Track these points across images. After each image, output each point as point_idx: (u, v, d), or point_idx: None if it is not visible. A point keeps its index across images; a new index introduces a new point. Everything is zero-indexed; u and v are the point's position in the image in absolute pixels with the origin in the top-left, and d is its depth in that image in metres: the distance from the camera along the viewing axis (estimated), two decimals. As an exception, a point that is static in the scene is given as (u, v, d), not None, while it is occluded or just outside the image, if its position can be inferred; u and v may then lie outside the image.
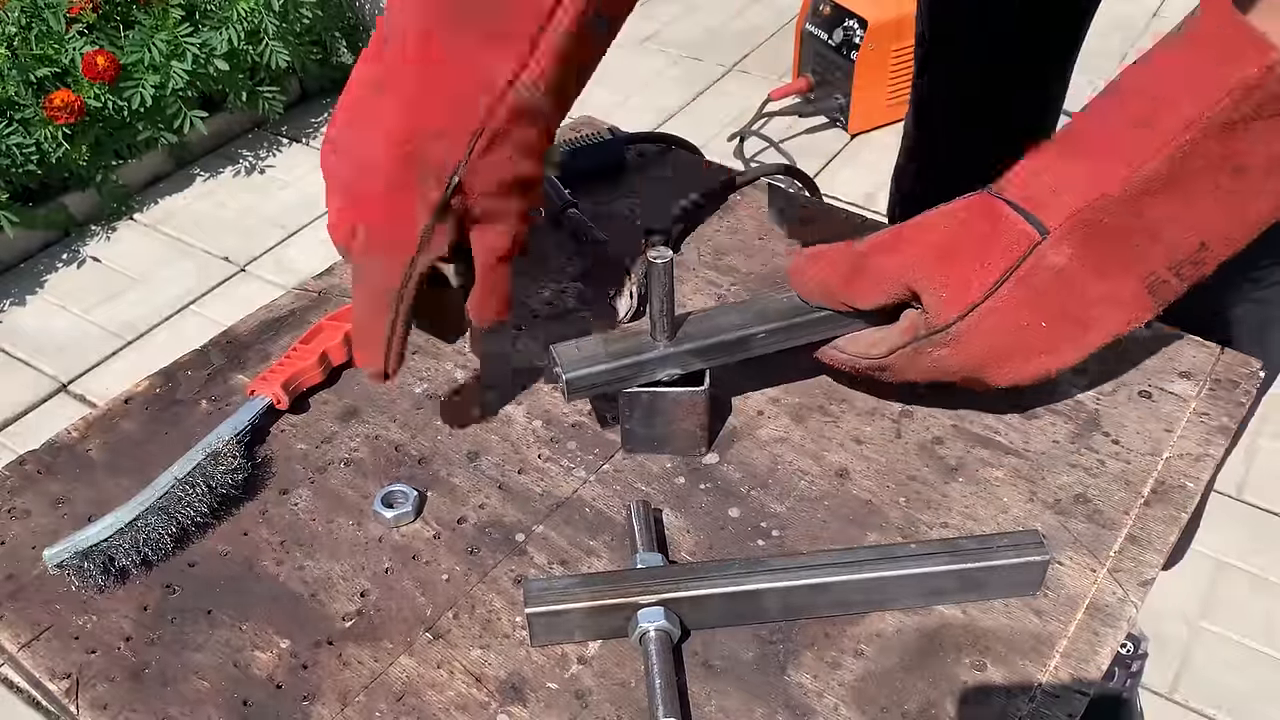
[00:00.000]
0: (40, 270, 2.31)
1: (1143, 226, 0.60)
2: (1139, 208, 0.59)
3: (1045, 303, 0.62)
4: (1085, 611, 0.60)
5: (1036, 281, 0.61)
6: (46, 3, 2.23)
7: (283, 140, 2.66)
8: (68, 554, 0.63)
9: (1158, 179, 0.58)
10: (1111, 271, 0.61)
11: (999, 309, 0.62)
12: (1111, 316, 0.63)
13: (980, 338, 0.63)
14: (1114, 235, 0.60)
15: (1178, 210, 0.59)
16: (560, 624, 0.59)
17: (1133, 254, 0.61)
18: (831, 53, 2.47)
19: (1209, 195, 0.58)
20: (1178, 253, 0.60)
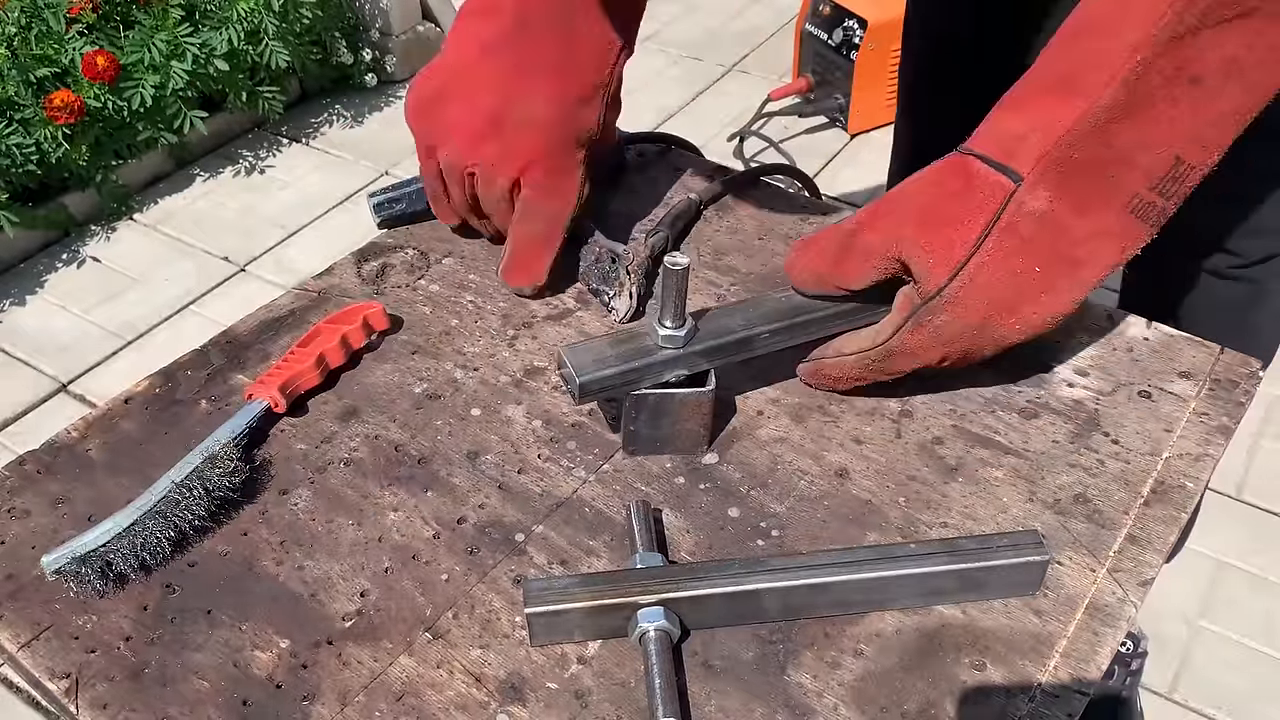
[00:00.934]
0: (40, 270, 2.31)
1: (1114, 155, 0.59)
2: (1106, 137, 0.59)
3: (1034, 248, 0.61)
4: (1085, 611, 0.60)
5: (1021, 229, 0.61)
6: (46, 3, 2.23)
7: (283, 140, 2.66)
8: (65, 560, 0.63)
9: (1117, 105, 0.58)
10: (1093, 205, 0.61)
11: (988, 262, 0.62)
12: (1104, 249, 0.62)
13: (976, 293, 0.62)
14: (1087, 169, 0.60)
15: (1144, 131, 0.58)
16: (560, 624, 0.59)
17: (1110, 184, 0.60)
18: (831, 53, 2.47)
19: (1171, 110, 0.58)
20: (1155, 172, 0.59)
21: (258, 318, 0.84)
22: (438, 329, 0.81)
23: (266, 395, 0.73)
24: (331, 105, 2.75)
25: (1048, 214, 0.61)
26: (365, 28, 2.76)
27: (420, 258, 0.89)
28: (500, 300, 0.84)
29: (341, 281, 0.87)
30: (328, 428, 0.74)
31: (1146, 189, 0.59)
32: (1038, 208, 0.61)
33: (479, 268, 0.87)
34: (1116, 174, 0.60)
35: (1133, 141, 0.59)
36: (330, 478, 0.71)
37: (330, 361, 0.77)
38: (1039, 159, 0.60)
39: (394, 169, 2.50)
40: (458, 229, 0.89)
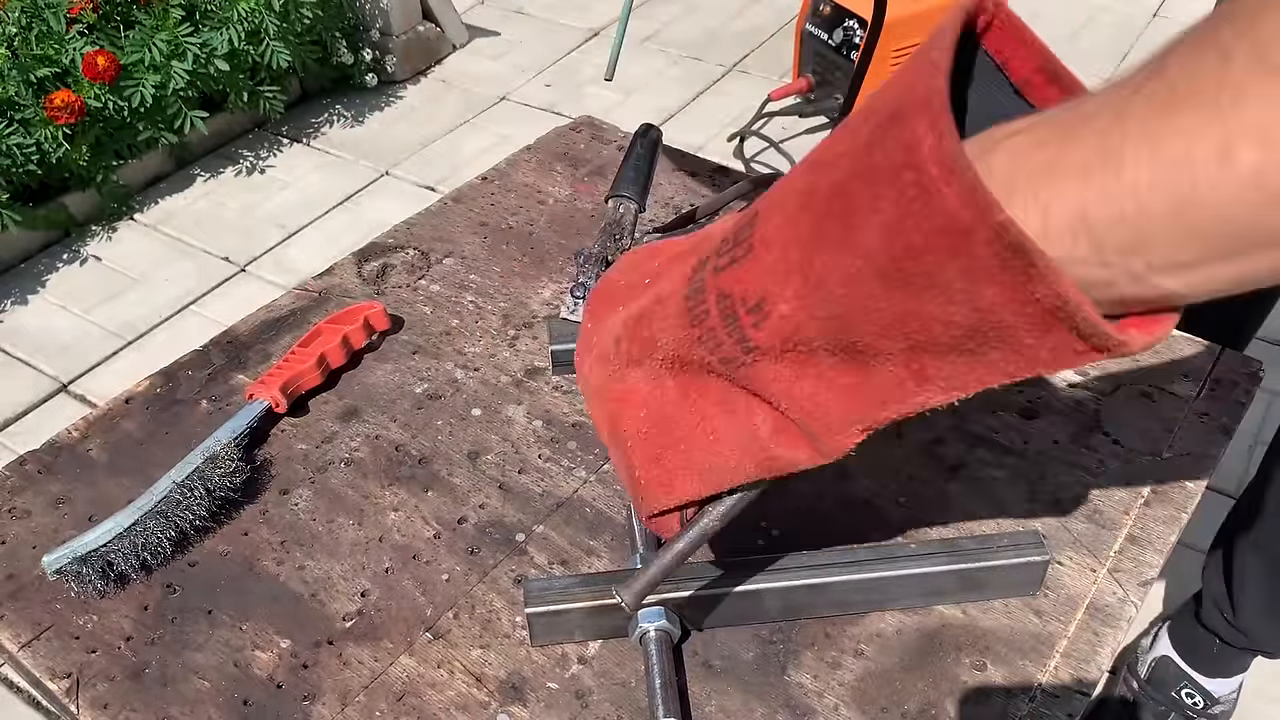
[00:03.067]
0: (41, 270, 2.31)
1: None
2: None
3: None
4: (1085, 611, 0.60)
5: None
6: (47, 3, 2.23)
7: (283, 140, 2.66)
8: (66, 560, 0.63)
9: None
10: (700, 249, 0.46)
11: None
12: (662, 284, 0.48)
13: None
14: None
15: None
16: (560, 624, 0.59)
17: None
18: (831, 53, 2.47)
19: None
20: (738, 226, 0.43)
21: (258, 318, 0.84)
22: (438, 329, 0.81)
23: (267, 395, 0.73)
24: (332, 105, 2.74)
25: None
26: (366, 28, 2.76)
27: (421, 258, 0.89)
28: (501, 301, 0.84)
29: (342, 281, 0.87)
30: (328, 428, 0.74)
31: (721, 239, 0.43)
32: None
33: (479, 268, 0.87)
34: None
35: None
36: (331, 478, 0.71)
37: (331, 361, 0.77)
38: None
39: (394, 169, 2.50)
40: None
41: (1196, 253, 0.29)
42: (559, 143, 1.02)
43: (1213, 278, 0.30)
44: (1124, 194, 0.29)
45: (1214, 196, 0.28)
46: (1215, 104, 0.27)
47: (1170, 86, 0.28)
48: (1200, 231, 0.28)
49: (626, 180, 0.78)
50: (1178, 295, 0.31)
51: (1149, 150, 0.28)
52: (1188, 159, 0.28)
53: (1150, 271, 0.30)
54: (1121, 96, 0.30)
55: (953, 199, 0.31)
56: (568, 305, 0.78)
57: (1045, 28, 0.50)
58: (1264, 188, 0.27)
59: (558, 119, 2.56)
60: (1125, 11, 2.77)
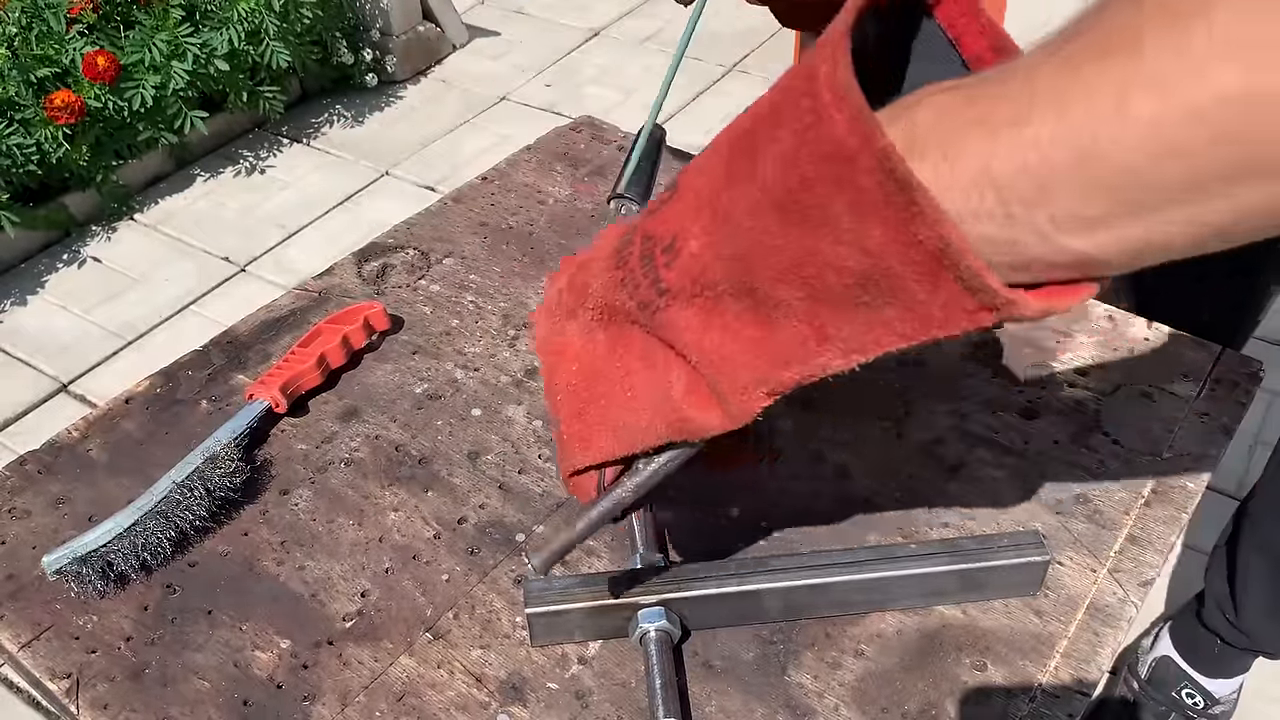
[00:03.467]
0: (40, 270, 2.31)
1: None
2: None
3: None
4: (1085, 612, 0.60)
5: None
6: (47, 3, 2.23)
7: (283, 140, 2.66)
8: (66, 560, 0.63)
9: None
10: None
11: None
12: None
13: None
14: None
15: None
16: (560, 624, 0.59)
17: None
18: (832, 53, 2.47)
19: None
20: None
21: (258, 318, 0.84)
22: (438, 329, 0.81)
23: (267, 395, 0.73)
24: (332, 105, 2.74)
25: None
26: (366, 28, 2.76)
27: (421, 258, 0.89)
28: (501, 300, 0.84)
29: (342, 281, 0.87)
30: (328, 428, 0.74)
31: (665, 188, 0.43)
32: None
33: (479, 268, 0.87)
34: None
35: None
36: (331, 478, 0.71)
37: (331, 362, 0.77)
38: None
39: (394, 169, 2.50)
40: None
41: (1100, 208, 0.29)
42: (559, 143, 1.02)
43: (1121, 238, 0.30)
44: (1027, 146, 0.29)
45: (1114, 148, 0.27)
46: (1119, 53, 0.27)
47: (1084, 42, 0.28)
48: (1102, 183, 0.28)
49: (629, 181, 0.78)
50: (1088, 257, 0.31)
51: (1055, 104, 0.28)
52: (1090, 110, 0.28)
53: (1055, 228, 0.30)
54: (1042, 55, 0.30)
55: (841, 124, 0.31)
56: None
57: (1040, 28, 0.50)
58: (1160, 137, 0.27)
59: (558, 119, 2.56)
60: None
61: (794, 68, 0.34)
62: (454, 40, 2.93)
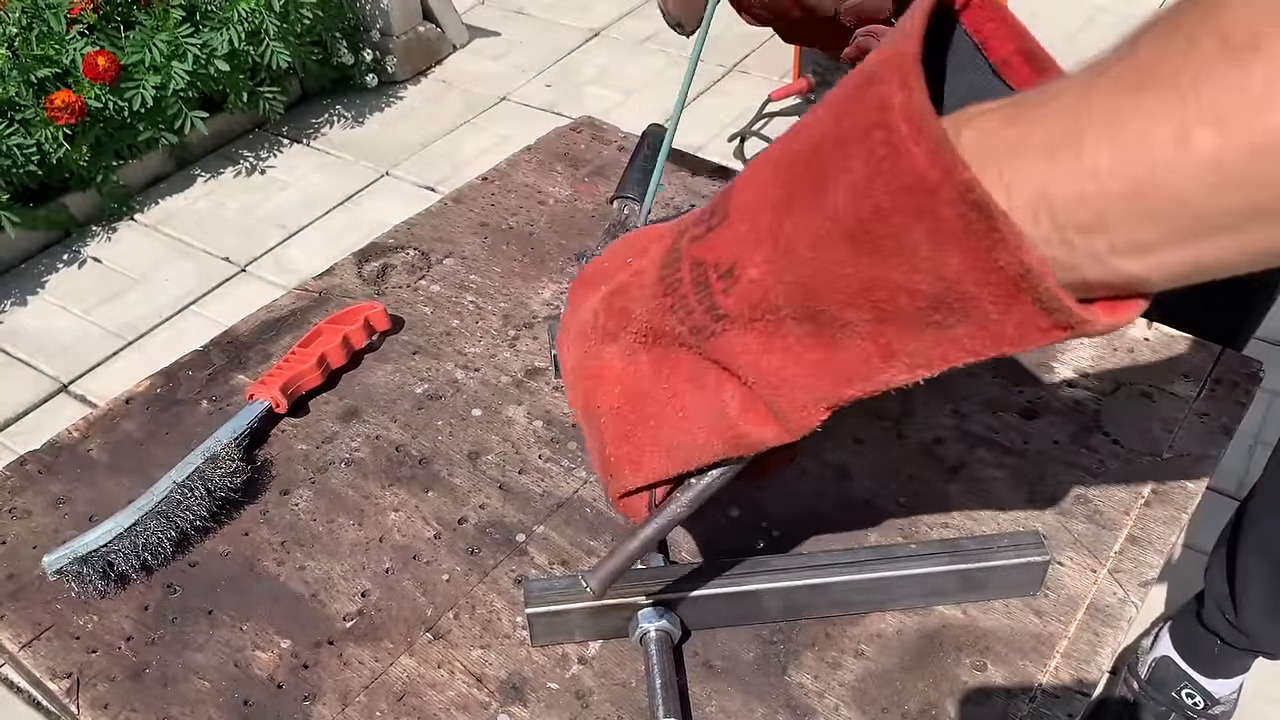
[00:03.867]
0: (41, 270, 2.31)
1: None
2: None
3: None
4: (1085, 612, 0.60)
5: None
6: (47, 3, 2.23)
7: (283, 140, 2.66)
8: (66, 560, 0.63)
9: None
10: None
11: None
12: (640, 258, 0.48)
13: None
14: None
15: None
16: (561, 624, 0.59)
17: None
18: (832, 53, 2.47)
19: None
20: (716, 198, 0.43)
21: (258, 318, 0.84)
22: (439, 329, 0.82)
23: (268, 395, 0.73)
24: (332, 105, 2.75)
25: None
26: (366, 28, 2.76)
27: (421, 258, 0.89)
28: (501, 301, 0.84)
29: (342, 282, 0.87)
30: (329, 428, 0.74)
31: (703, 210, 0.43)
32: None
33: (480, 268, 0.87)
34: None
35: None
36: (331, 478, 0.71)
37: (331, 362, 0.77)
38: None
39: (394, 169, 2.50)
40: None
41: (1156, 235, 0.29)
42: (559, 143, 1.02)
43: (1174, 262, 0.30)
44: (1085, 174, 0.29)
45: (1172, 179, 0.28)
46: (1176, 87, 0.27)
47: (1136, 69, 0.28)
48: (1159, 213, 0.28)
49: (631, 181, 0.78)
50: (1140, 279, 0.31)
51: (1110, 131, 0.28)
52: (1147, 141, 0.28)
53: (1111, 253, 0.30)
54: (1090, 78, 0.30)
55: (920, 157, 0.31)
56: None
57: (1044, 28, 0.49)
58: (1221, 171, 0.27)
59: (558, 119, 2.56)
60: (1125, 11, 2.77)
61: (855, 90, 0.33)
62: (454, 40, 2.93)
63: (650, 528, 0.48)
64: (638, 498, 0.49)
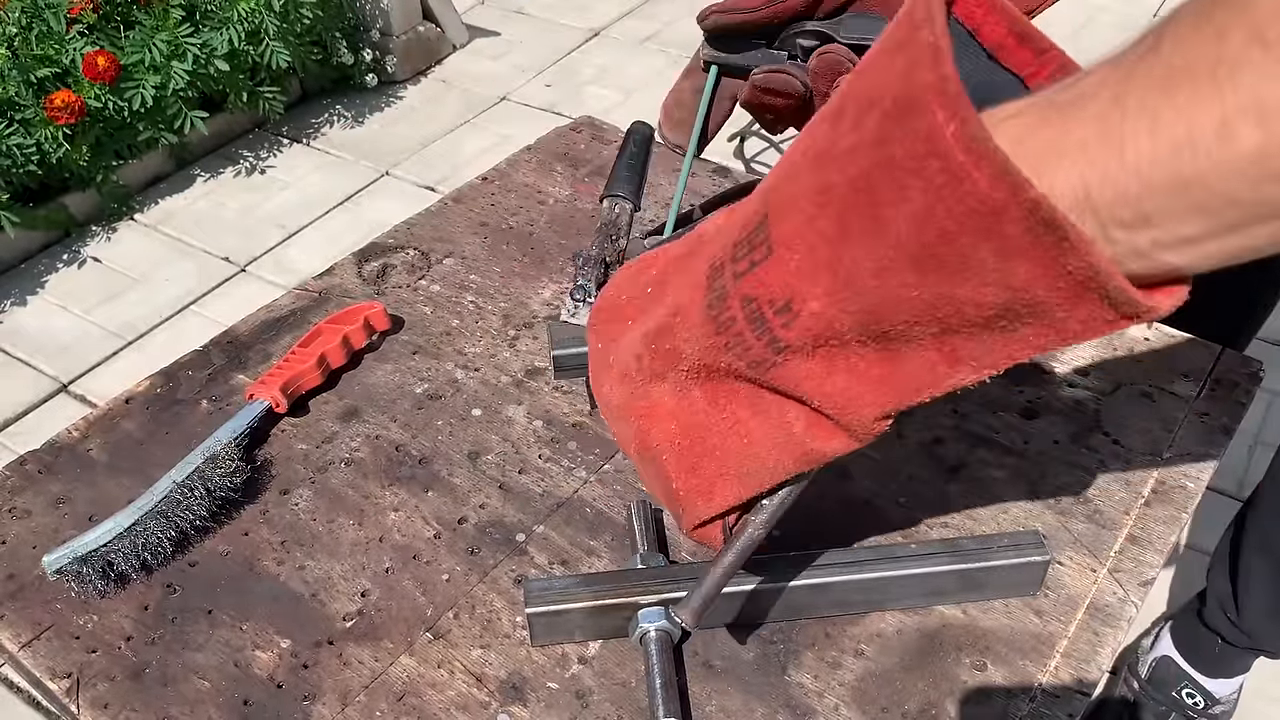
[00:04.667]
0: (40, 270, 2.31)
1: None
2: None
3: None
4: (1085, 611, 0.60)
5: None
6: (47, 3, 2.23)
7: (283, 140, 2.66)
8: (66, 560, 0.63)
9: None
10: (701, 253, 0.47)
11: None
12: (676, 290, 0.47)
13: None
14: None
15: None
16: (561, 624, 0.59)
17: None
18: (832, 53, 2.47)
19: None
20: (745, 229, 0.42)
21: (258, 318, 0.84)
22: (439, 329, 0.82)
23: (268, 395, 0.73)
24: (332, 105, 2.75)
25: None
26: (366, 28, 2.76)
27: (421, 258, 0.89)
28: (501, 301, 0.84)
29: (342, 282, 0.87)
30: (329, 428, 0.74)
31: (727, 258, 0.42)
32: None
33: (480, 268, 0.87)
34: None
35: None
36: (331, 478, 0.71)
37: (331, 362, 0.77)
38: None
39: (394, 169, 2.50)
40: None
41: (1200, 228, 0.29)
42: (559, 143, 1.02)
43: (1215, 251, 0.30)
44: (1126, 173, 0.29)
45: (1216, 174, 0.28)
46: (1213, 80, 0.27)
47: (1167, 63, 0.28)
48: (1203, 208, 0.29)
49: (620, 180, 0.78)
50: (1182, 269, 0.31)
51: (1149, 128, 0.28)
52: (1188, 138, 0.28)
53: (1155, 248, 0.30)
54: (1119, 74, 0.30)
55: (983, 182, 0.31)
56: (567, 308, 0.78)
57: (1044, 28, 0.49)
58: (1265, 163, 0.27)
59: (558, 119, 2.56)
60: (1125, 11, 2.77)
61: (895, 118, 0.33)
62: (454, 40, 2.93)
63: (732, 555, 0.49)
64: (712, 525, 0.50)
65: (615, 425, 0.51)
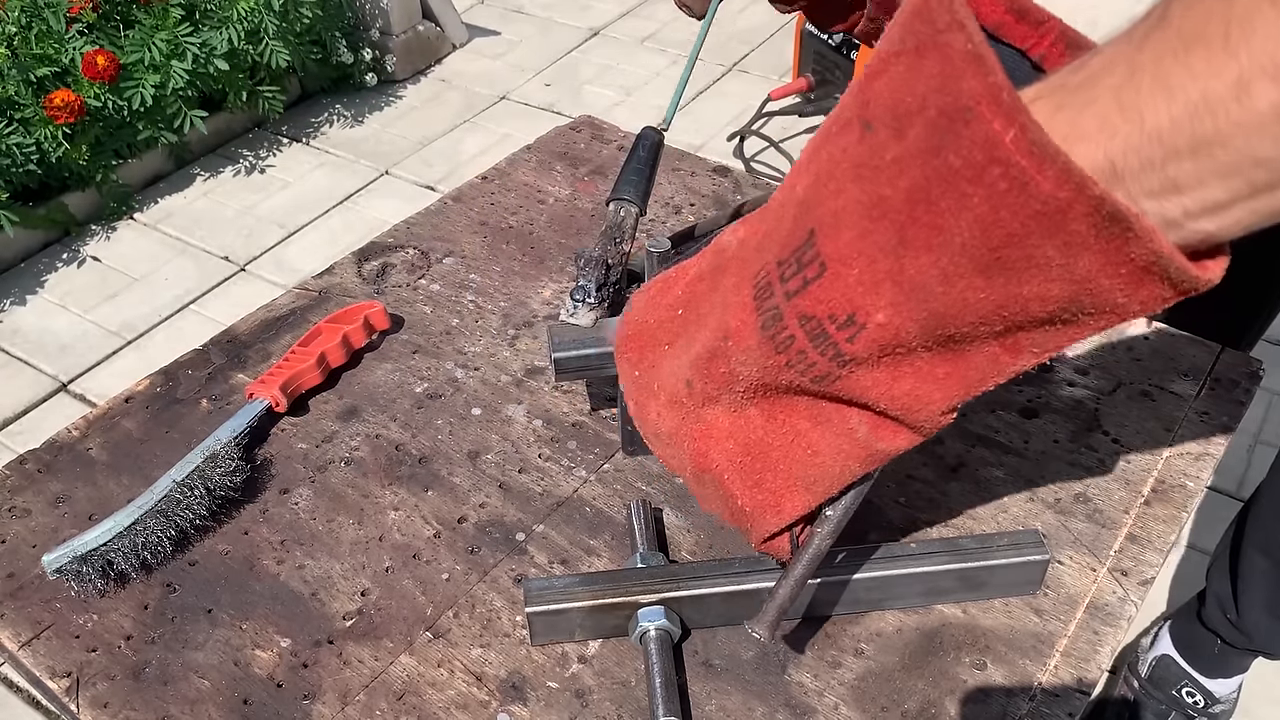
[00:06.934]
0: (40, 270, 2.31)
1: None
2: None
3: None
4: (1085, 610, 0.60)
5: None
6: (47, 2, 2.23)
7: (283, 140, 2.66)
8: (66, 559, 0.63)
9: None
10: (730, 269, 0.47)
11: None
12: (717, 312, 0.47)
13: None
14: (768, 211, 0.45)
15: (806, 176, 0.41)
16: (560, 623, 0.59)
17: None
18: (831, 52, 2.47)
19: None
20: (786, 248, 0.41)
21: (258, 317, 0.84)
22: (438, 328, 0.81)
23: (267, 394, 0.73)
24: (332, 105, 2.74)
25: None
26: (365, 27, 2.76)
27: (421, 257, 0.89)
28: (501, 300, 0.84)
29: (342, 281, 0.87)
30: (328, 427, 0.74)
31: (775, 262, 0.42)
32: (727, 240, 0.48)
33: (479, 267, 0.87)
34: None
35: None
36: (331, 477, 0.71)
37: (331, 361, 0.77)
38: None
39: (394, 169, 2.50)
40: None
41: (1228, 192, 0.30)
42: (559, 142, 1.02)
43: (1248, 213, 0.31)
44: (1149, 142, 0.30)
45: (1237, 134, 0.28)
46: (1225, 42, 0.27)
47: (1177, 33, 0.29)
48: (1229, 170, 0.29)
49: (628, 183, 0.78)
50: (1217, 235, 0.32)
51: (1166, 96, 0.29)
52: (1206, 100, 0.28)
53: (1187, 217, 0.31)
54: (1130, 48, 0.30)
55: (1047, 184, 0.31)
56: (567, 308, 0.78)
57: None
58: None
59: (558, 118, 2.56)
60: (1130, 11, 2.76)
61: (947, 127, 0.33)
62: (454, 40, 2.93)
63: (801, 566, 0.50)
64: (780, 537, 0.50)
65: (665, 450, 0.51)
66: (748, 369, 0.45)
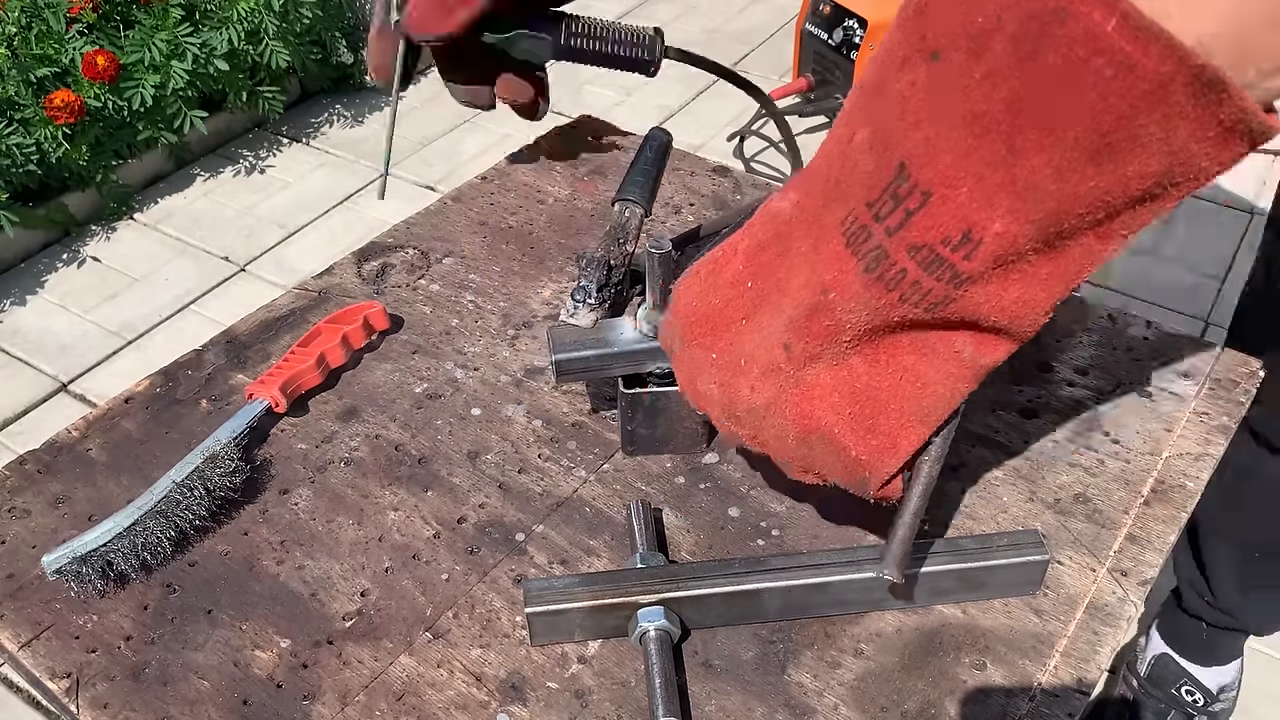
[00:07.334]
0: (40, 270, 2.31)
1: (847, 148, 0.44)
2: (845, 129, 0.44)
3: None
4: (1085, 611, 0.60)
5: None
6: (46, 2, 2.23)
7: (283, 140, 2.66)
8: (66, 559, 0.63)
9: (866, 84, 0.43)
10: (796, 231, 0.48)
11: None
12: (798, 279, 0.47)
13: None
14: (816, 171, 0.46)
15: (874, 111, 0.43)
16: (560, 623, 0.59)
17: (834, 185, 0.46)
18: (831, 52, 2.47)
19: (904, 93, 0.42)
20: (876, 180, 0.42)
21: (258, 317, 0.84)
22: (438, 329, 0.82)
23: (267, 395, 0.73)
24: (332, 105, 2.75)
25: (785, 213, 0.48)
26: (365, 27, 2.76)
27: (420, 257, 0.89)
28: (500, 300, 0.84)
29: (342, 281, 0.87)
30: (328, 427, 0.74)
31: (864, 205, 0.42)
32: (782, 208, 0.48)
33: (479, 267, 0.87)
34: (844, 181, 0.44)
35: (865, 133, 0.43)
36: (330, 477, 0.71)
37: (331, 361, 0.77)
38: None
39: (394, 168, 2.50)
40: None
41: None
42: (559, 142, 1.02)
43: None
44: (1223, 14, 0.33)
45: None
46: None
47: None
48: None
49: (633, 184, 0.78)
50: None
51: None
52: None
53: (1260, 77, 0.34)
54: None
55: (1151, 63, 0.33)
56: (567, 308, 0.78)
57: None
58: None
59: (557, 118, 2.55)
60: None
61: (1040, 31, 0.34)
62: (454, 40, 2.92)
63: (917, 497, 0.52)
64: (897, 479, 0.52)
65: (760, 425, 0.52)
66: (855, 315, 0.45)
